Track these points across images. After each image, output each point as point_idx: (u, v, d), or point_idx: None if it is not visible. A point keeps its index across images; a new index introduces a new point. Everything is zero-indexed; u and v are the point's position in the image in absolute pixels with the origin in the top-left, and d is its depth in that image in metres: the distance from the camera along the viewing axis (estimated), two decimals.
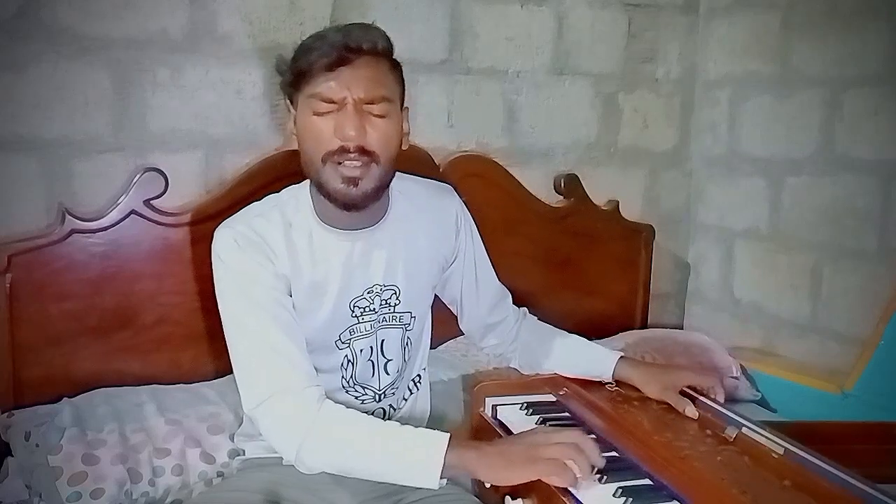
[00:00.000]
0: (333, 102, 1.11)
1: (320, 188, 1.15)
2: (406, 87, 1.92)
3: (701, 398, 1.24)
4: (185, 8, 1.64)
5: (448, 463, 1.01)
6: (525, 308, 1.48)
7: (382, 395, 1.29)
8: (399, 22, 1.84)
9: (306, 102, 1.14)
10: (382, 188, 1.18)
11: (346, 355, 1.24)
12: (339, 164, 1.12)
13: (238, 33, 1.69)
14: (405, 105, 1.22)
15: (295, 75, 1.14)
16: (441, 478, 1.01)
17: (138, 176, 1.58)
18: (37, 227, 1.55)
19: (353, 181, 1.12)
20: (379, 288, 1.24)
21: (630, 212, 2.17)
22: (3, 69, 1.50)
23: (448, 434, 1.04)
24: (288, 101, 1.20)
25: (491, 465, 1.02)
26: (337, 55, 1.10)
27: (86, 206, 1.59)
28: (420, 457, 1.02)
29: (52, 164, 1.57)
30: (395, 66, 1.19)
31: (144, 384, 1.58)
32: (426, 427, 1.36)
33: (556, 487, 1.02)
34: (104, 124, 1.60)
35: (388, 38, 1.17)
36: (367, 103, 1.12)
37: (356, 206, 1.15)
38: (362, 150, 1.12)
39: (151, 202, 1.59)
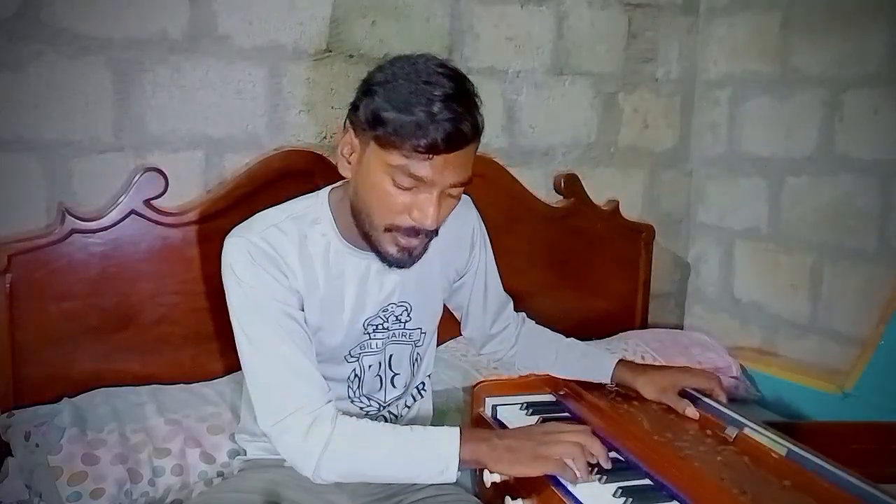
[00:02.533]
0: (422, 182, 1.03)
1: (368, 239, 1.12)
2: None
3: (705, 399, 1.24)
4: (185, 8, 1.63)
5: (462, 458, 1.04)
6: (524, 313, 1.48)
7: (385, 406, 1.28)
8: (399, 22, 1.84)
9: (386, 167, 1.04)
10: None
11: (354, 369, 1.23)
12: (399, 237, 1.09)
13: (238, 33, 1.69)
14: None
15: (383, 134, 1.02)
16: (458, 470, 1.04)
17: (138, 176, 1.57)
18: (37, 227, 1.55)
19: (409, 251, 1.10)
20: (393, 306, 1.23)
21: (630, 212, 2.17)
22: (3, 69, 1.50)
23: (458, 429, 1.06)
24: (351, 127, 1.09)
25: (500, 459, 1.04)
26: (445, 146, 1.00)
27: (86, 206, 1.59)
28: (436, 457, 1.04)
29: (52, 164, 1.57)
30: (477, 139, 1.08)
31: (144, 384, 1.57)
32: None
33: (555, 488, 1.02)
34: (104, 124, 1.60)
35: (481, 114, 1.07)
36: (452, 187, 1.06)
37: (404, 268, 1.14)
38: (429, 233, 1.10)
39: (151, 202, 1.59)
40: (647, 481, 1.05)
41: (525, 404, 1.32)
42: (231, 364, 1.59)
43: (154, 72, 1.62)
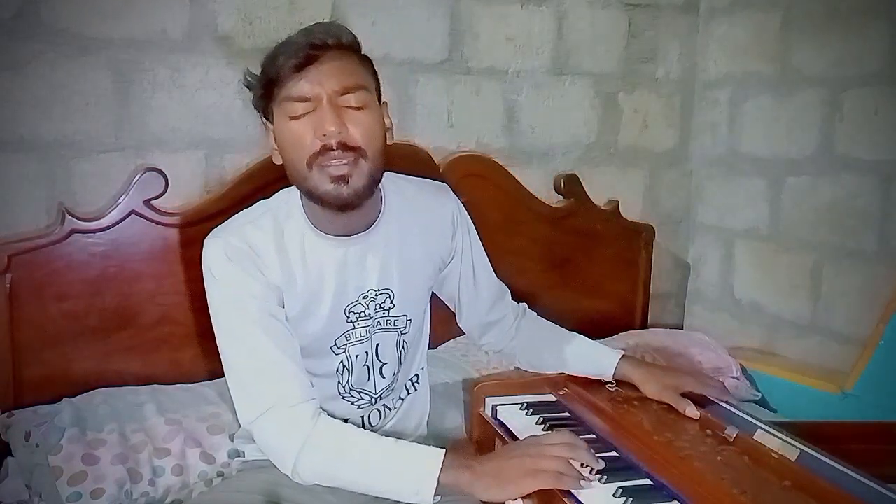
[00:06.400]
0: (308, 100, 1.08)
1: (310, 195, 1.12)
2: (406, 87, 1.93)
3: (716, 401, 1.24)
4: (185, 8, 1.64)
5: (442, 482, 1.01)
6: (525, 304, 1.48)
7: (378, 399, 1.28)
8: (399, 22, 1.84)
9: (281, 109, 1.10)
10: (374, 185, 1.14)
11: (342, 360, 1.23)
12: (325, 165, 1.08)
13: (238, 33, 1.69)
14: (384, 100, 1.19)
15: (265, 86, 1.11)
16: (435, 495, 1.01)
17: (138, 176, 1.58)
18: (37, 227, 1.55)
19: (343, 179, 1.09)
20: (373, 293, 1.22)
21: (630, 212, 2.17)
22: (3, 69, 1.50)
23: (443, 451, 1.03)
24: (263, 118, 1.17)
25: (486, 486, 1.02)
26: (304, 54, 1.07)
27: (86, 206, 1.59)
28: (414, 476, 1.02)
29: (52, 164, 1.57)
30: (365, 60, 1.16)
31: (144, 384, 1.57)
32: (425, 427, 1.37)
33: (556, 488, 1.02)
34: (104, 124, 1.60)
35: (352, 34, 1.14)
36: (343, 94, 1.09)
37: (349, 206, 1.12)
38: (346, 147, 1.08)
39: (151, 202, 1.59)
40: (647, 481, 1.05)
41: (525, 404, 1.32)
42: None
43: (154, 72, 1.62)
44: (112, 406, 1.46)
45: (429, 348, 1.40)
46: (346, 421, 1.15)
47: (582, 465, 1.04)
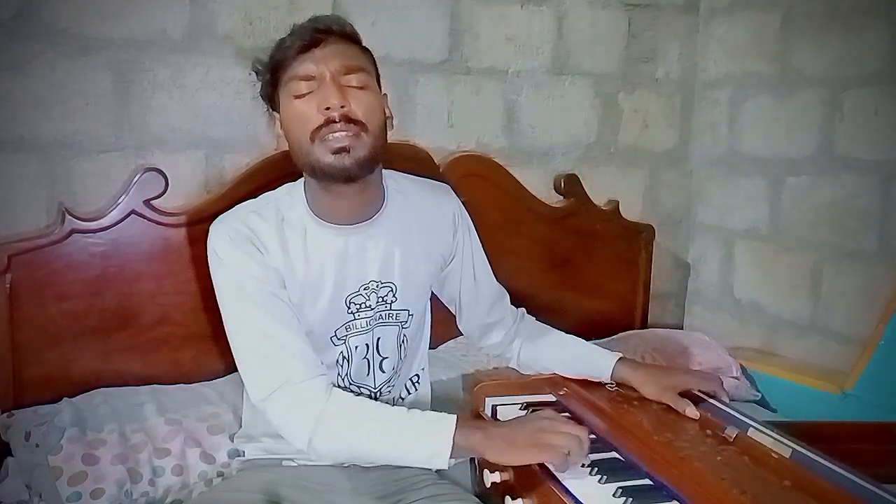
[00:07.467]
0: (312, 79, 1.13)
1: (314, 171, 1.15)
2: (406, 87, 1.93)
3: (710, 400, 1.24)
4: (185, 8, 1.63)
5: (456, 444, 1.03)
6: (523, 308, 1.49)
7: (378, 394, 1.29)
8: (399, 22, 1.84)
9: (286, 90, 1.15)
10: (375, 159, 1.17)
11: (342, 352, 1.24)
12: (327, 138, 1.12)
13: (238, 33, 1.69)
14: (383, 92, 1.23)
15: (272, 70, 1.17)
16: (450, 458, 1.04)
17: (138, 176, 1.57)
18: (37, 227, 1.55)
19: (344, 150, 1.12)
20: (375, 284, 1.24)
21: (630, 212, 2.17)
22: (3, 69, 1.50)
23: (455, 416, 1.06)
24: (270, 108, 1.23)
25: (496, 447, 1.04)
26: (309, 37, 1.14)
27: (86, 206, 1.58)
28: (430, 439, 1.05)
29: (52, 164, 1.57)
30: (366, 50, 1.21)
31: (144, 384, 1.57)
32: None
33: (554, 487, 1.02)
34: (104, 124, 1.60)
35: (353, 27, 1.20)
36: (345, 74, 1.14)
37: (352, 178, 1.14)
38: (348, 119, 1.12)
39: (151, 202, 1.59)
40: (647, 481, 1.05)
41: (525, 404, 1.32)
42: (231, 364, 1.58)
43: (154, 72, 1.62)
44: (112, 406, 1.46)
45: (429, 348, 1.41)
46: None
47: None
